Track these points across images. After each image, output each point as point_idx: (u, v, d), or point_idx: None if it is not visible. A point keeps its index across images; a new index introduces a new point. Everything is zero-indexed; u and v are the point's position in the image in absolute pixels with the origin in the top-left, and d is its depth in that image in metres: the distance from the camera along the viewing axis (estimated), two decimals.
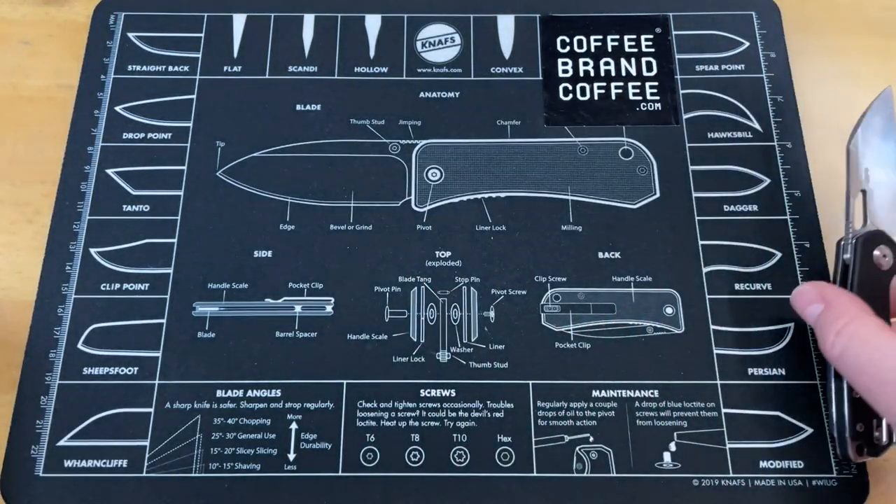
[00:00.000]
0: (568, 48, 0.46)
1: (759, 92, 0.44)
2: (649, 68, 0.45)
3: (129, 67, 0.45)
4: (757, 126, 0.44)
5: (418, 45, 0.46)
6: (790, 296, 0.36)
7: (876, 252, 0.36)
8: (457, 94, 0.45)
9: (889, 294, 0.36)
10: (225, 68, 0.45)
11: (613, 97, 0.45)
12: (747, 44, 0.46)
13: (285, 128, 0.44)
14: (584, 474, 0.36)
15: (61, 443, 0.37)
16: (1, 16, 0.48)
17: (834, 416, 0.36)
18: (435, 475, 0.36)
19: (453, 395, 0.38)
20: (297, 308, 0.40)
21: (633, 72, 0.45)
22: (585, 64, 0.46)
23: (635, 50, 0.46)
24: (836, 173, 0.43)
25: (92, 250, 0.41)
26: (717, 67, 0.45)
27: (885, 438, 0.35)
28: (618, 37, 0.46)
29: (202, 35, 0.46)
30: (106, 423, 0.37)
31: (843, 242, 0.37)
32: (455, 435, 0.37)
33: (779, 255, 0.40)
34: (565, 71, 0.45)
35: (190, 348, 0.39)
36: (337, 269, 0.41)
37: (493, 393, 0.38)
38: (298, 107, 0.44)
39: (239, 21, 0.47)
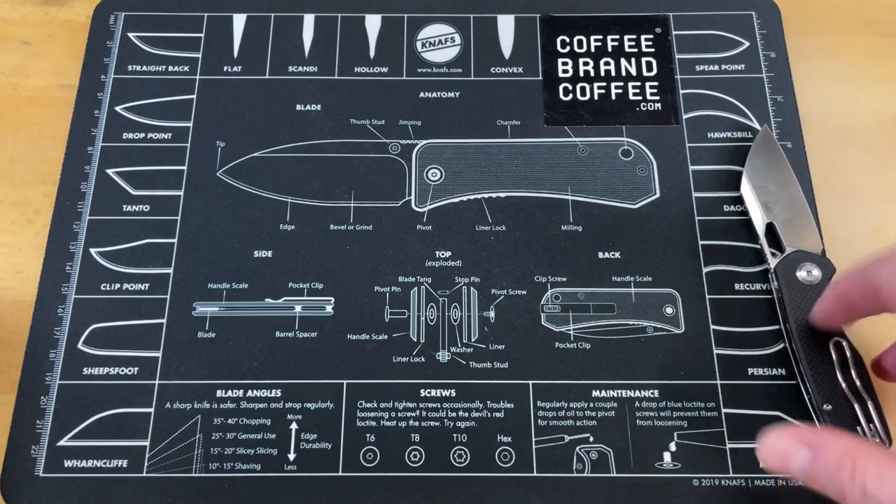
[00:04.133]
0: (568, 48, 0.46)
1: (759, 92, 0.44)
2: (649, 68, 0.45)
3: (129, 67, 0.45)
4: (757, 126, 0.44)
5: (418, 45, 0.46)
6: (757, 452, 0.31)
7: (800, 273, 0.38)
8: (457, 94, 0.45)
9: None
10: (225, 68, 0.45)
11: (613, 97, 0.45)
12: (747, 44, 0.46)
13: (285, 128, 0.44)
14: (584, 474, 0.36)
15: (61, 443, 0.37)
16: (1, 16, 0.48)
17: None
18: (435, 475, 0.36)
19: (453, 395, 0.38)
20: (297, 308, 0.40)
21: (633, 72, 0.45)
22: (585, 64, 0.46)
23: (635, 50, 0.46)
24: (836, 173, 0.43)
25: (92, 250, 0.41)
26: (717, 67, 0.45)
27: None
28: (618, 37, 0.46)
29: (202, 35, 0.46)
30: (106, 423, 0.37)
31: (769, 276, 0.39)
32: (455, 435, 0.37)
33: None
34: (565, 71, 0.45)
35: (190, 348, 0.39)
36: (337, 269, 0.41)
37: (493, 393, 0.38)
38: (298, 107, 0.44)
39: (239, 21, 0.47)
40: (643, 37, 0.46)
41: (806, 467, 0.29)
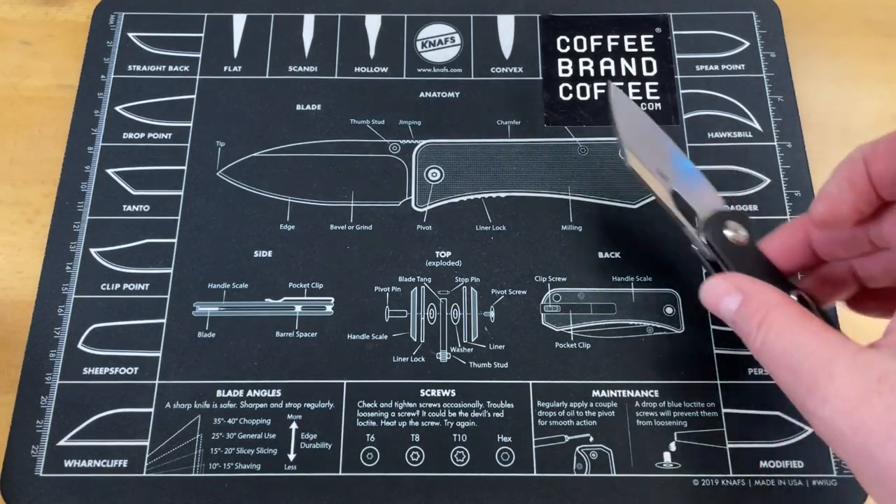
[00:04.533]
0: (568, 48, 0.46)
1: (759, 92, 0.44)
2: (649, 68, 0.45)
3: (130, 67, 0.45)
4: (757, 126, 0.44)
5: (418, 45, 0.46)
6: (699, 292, 0.32)
7: (727, 232, 0.34)
8: (457, 94, 0.45)
9: (768, 261, 0.33)
10: (225, 68, 0.45)
11: None
12: (747, 44, 0.46)
13: (285, 128, 0.44)
14: (584, 474, 0.36)
15: (61, 443, 0.37)
16: (1, 16, 0.48)
17: None
18: (435, 475, 0.36)
19: (453, 395, 0.38)
20: (297, 308, 0.40)
21: (633, 72, 0.45)
22: (585, 64, 0.46)
23: (635, 50, 0.46)
24: None
25: (92, 250, 0.41)
26: (717, 67, 0.45)
27: None
28: (618, 37, 0.46)
29: (202, 35, 0.46)
30: (106, 423, 0.37)
31: (694, 248, 0.35)
32: (455, 435, 0.37)
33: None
34: (565, 71, 0.45)
35: (190, 348, 0.39)
36: (337, 269, 0.41)
37: (493, 393, 0.38)
38: (298, 107, 0.44)
39: (239, 21, 0.47)
40: (643, 37, 0.46)
41: (732, 310, 0.30)
